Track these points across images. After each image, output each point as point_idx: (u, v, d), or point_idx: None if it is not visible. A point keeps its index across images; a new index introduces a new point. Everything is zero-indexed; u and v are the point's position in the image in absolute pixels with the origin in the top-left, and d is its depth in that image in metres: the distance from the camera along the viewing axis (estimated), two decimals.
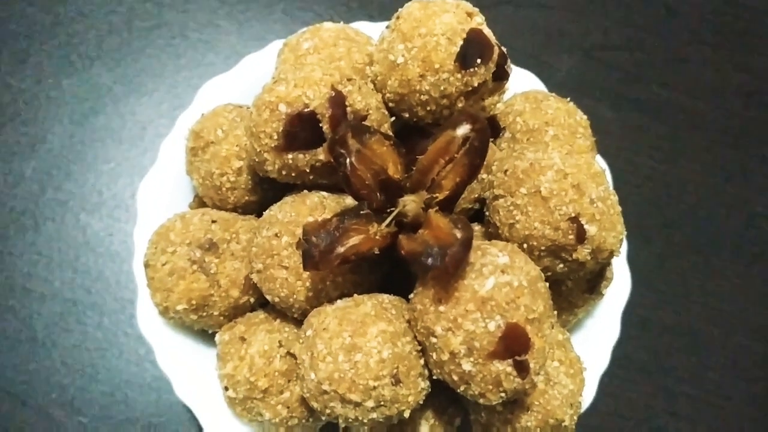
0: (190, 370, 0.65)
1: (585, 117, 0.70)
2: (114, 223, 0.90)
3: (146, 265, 0.64)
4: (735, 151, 1.00)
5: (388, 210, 0.54)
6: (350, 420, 0.53)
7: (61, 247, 0.89)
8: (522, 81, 0.78)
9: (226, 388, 0.62)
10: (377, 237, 0.53)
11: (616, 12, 1.06)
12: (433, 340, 0.51)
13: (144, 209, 0.71)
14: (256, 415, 0.61)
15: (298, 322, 0.60)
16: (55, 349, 0.84)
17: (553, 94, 0.71)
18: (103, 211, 0.91)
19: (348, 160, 0.53)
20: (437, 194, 0.54)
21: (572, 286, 0.64)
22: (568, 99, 0.70)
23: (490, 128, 0.69)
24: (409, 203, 0.53)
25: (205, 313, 0.63)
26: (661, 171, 0.97)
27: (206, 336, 0.67)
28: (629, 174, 0.96)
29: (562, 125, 0.67)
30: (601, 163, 0.75)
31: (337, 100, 0.57)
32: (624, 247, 0.72)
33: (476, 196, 0.64)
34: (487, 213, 0.61)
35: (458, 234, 0.50)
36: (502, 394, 0.51)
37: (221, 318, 0.64)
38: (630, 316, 0.73)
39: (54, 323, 0.85)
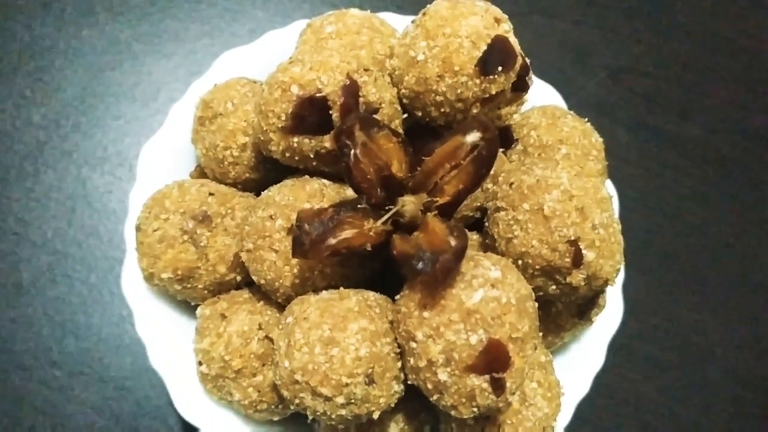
0: (167, 340, 0.65)
1: (600, 140, 0.69)
2: (115, 180, 0.89)
3: (137, 229, 0.63)
4: (748, 192, 0.98)
5: (387, 207, 0.53)
6: (318, 413, 0.52)
7: (58, 197, 0.88)
8: (542, 94, 0.76)
9: (200, 363, 0.61)
10: (371, 233, 0.52)
11: (649, 38, 1.04)
12: (413, 345, 0.50)
13: (144, 171, 0.70)
14: (226, 394, 0.61)
15: (281, 307, 0.60)
16: (39, 298, 0.84)
17: (572, 112, 0.69)
18: (106, 167, 0.90)
19: (353, 151, 0.52)
20: (438, 198, 0.53)
21: (562, 309, 0.63)
22: (586, 119, 0.69)
23: (503, 139, 0.68)
24: (408, 204, 0.52)
25: (189, 285, 0.62)
26: (669, 203, 0.96)
27: (188, 308, 0.66)
28: (636, 201, 0.95)
29: (576, 145, 0.65)
30: (610, 188, 0.74)
31: (351, 90, 0.56)
32: (620, 277, 0.71)
33: (478, 204, 0.63)
34: (486, 223, 0.60)
35: (453, 242, 0.49)
36: (475, 409, 0.50)
37: (205, 292, 0.63)
38: (616, 345, 0.71)
39: (41, 272, 0.85)
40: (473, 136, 0.51)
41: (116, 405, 0.80)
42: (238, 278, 0.63)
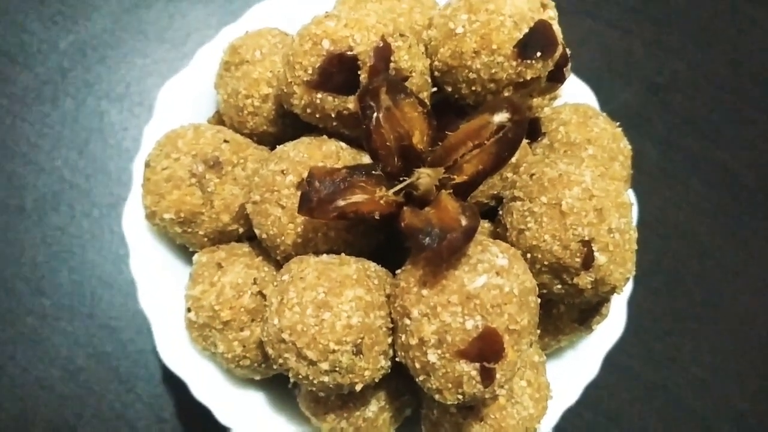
0: (159, 282, 0.64)
1: (629, 147, 0.67)
2: (132, 118, 0.88)
3: (146, 165, 0.62)
4: (766, 226, 0.95)
5: (401, 178, 0.52)
6: (300, 377, 0.51)
7: (73, 127, 0.87)
8: (577, 92, 0.74)
9: (189, 310, 0.60)
10: (382, 201, 0.51)
11: (694, 57, 1.01)
12: (407, 321, 0.49)
13: (162, 109, 0.69)
14: (211, 345, 0.59)
15: (279, 266, 0.58)
16: (39, 225, 0.83)
17: (604, 114, 0.67)
18: (125, 103, 0.89)
19: (375, 114, 0.50)
20: (455, 176, 0.51)
21: (564, 312, 0.61)
22: (618, 123, 0.67)
23: (531, 130, 0.67)
24: (424, 176, 0.51)
25: (190, 229, 0.61)
26: (686, 225, 0.93)
27: (186, 254, 0.65)
28: (653, 218, 0.93)
29: (604, 147, 0.64)
30: (631, 197, 0.72)
31: (383, 53, 0.54)
32: (628, 289, 0.69)
33: (495, 192, 0.61)
34: (500, 212, 0.58)
35: (464, 221, 0.47)
36: (460, 396, 0.48)
37: (205, 239, 0.62)
38: (612, 360, 0.69)
39: (45, 199, 0.84)
40: (501, 116, 0.49)
41: (99, 343, 0.79)
42: (240, 230, 0.62)
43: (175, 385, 0.77)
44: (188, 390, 0.62)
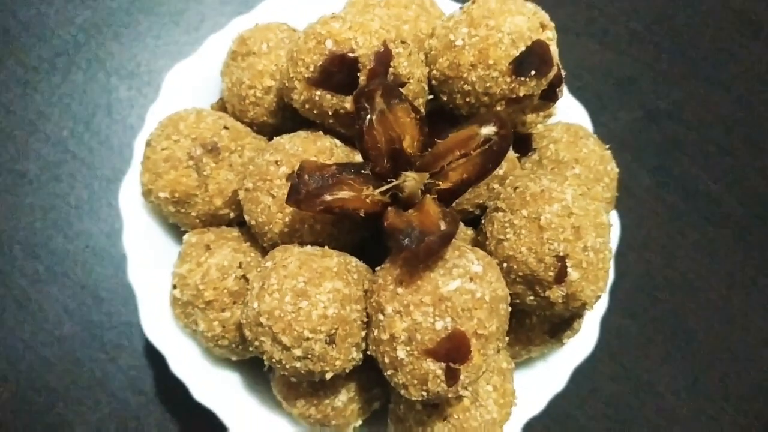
0: (149, 258, 0.66)
1: (616, 170, 0.68)
2: (140, 97, 0.90)
3: (147, 144, 0.64)
4: (749, 260, 0.97)
5: (389, 179, 0.54)
6: (274, 361, 0.53)
7: (82, 99, 0.89)
8: (573, 113, 0.76)
9: (174, 287, 0.62)
10: (367, 200, 0.53)
11: (696, 87, 1.03)
12: (380, 317, 0.51)
13: (168, 90, 0.71)
14: (192, 323, 0.61)
15: (265, 252, 0.60)
16: (39, 191, 0.85)
17: (595, 136, 0.69)
18: (134, 82, 0.91)
19: (369, 116, 0.52)
20: (440, 182, 0.53)
21: (536, 323, 0.63)
22: (607, 146, 0.69)
23: (522, 145, 0.69)
24: (410, 180, 0.53)
25: (183, 210, 0.63)
26: (671, 253, 0.95)
27: (177, 233, 0.67)
28: (638, 243, 0.94)
29: (590, 168, 0.65)
30: (614, 219, 0.74)
31: (383, 57, 0.56)
32: (602, 307, 0.71)
33: (481, 201, 0.63)
34: (483, 221, 0.60)
35: (443, 226, 0.49)
36: (424, 393, 0.50)
37: (197, 220, 0.64)
38: (581, 376, 0.71)
39: (47, 168, 0.86)
40: (488, 129, 0.51)
41: (87, 312, 0.81)
42: (232, 215, 0.64)
43: (155, 360, 0.79)
44: (167, 365, 0.64)
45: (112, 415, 0.79)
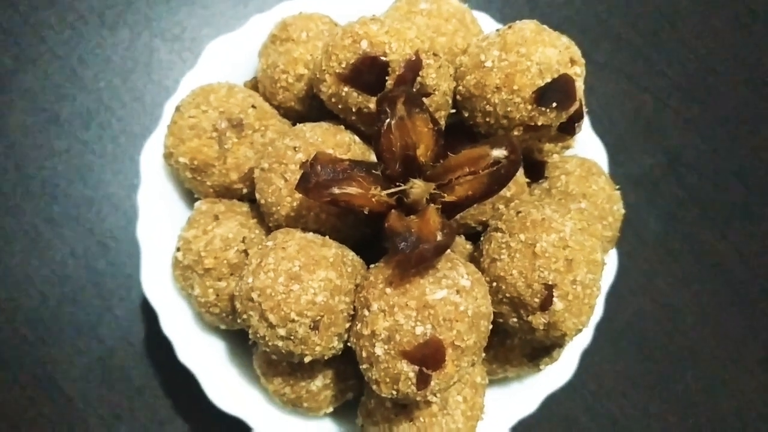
0: (159, 217, 0.68)
1: (622, 211, 0.70)
2: (179, 61, 0.93)
3: (177, 109, 0.66)
4: (746, 326, 0.98)
5: (397, 183, 0.55)
6: (258, 336, 0.55)
7: (124, 55, 0.92)
8: (591, 149, 0.77)
9: (178, 249, 0.64)
10: (373, 199, 0.54)
11: (720, 140, 1.03)
12: (366, 312, 0.53)
13: (206, 61, 0.73)
14: (188, 287, 0.64)
15: (270, 232, 0.62)
16: (68, 136, 0.88)
17: (607, 174, 0.70)
18: (176, 46, 0.93)
19: (388, 120, 0.54)
20: (446, 194, 0.55)
21: (516, 345, 0.65)
22: (618, 187, 0.70)
23: (535, 172, 0.70)
24: (417, 187, 0.54)
25: (199, 177, 0.65)
26: (668, 301, 0.96)
27: (190, 198, 0.70)
28: (638, 286, 0.95)
29: (596, 205, 0.67)
30: (612, 258, 0.75)
31: (413, 66, 0.58)
32: (584, 342, 0.72)
33: (484, 219, 0.65)
34: (482, 238, 0.62)
35: (439, 237, 0.51)
36: (394, 392, 0.52)
37: (210, 190, 0.66)
38: (555, 403, 0.73)
39: (80, 114, 0.89)
40: (499, 152, 0.53)
41: (92, 258, 0.84)
42: (245, 190, 0.66)
43: (149, 316, 0.82)
44: (159, 323, 0.66)
45: (98, 360, 0.82)
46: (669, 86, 1.04)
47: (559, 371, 0.71)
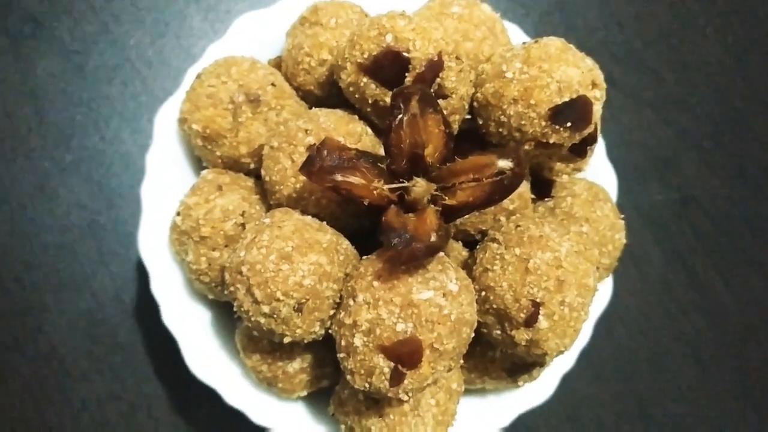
0: (165, 179, 0.69)
1: (623, 241, 0.69)
2: (210, 31, 0.93)
3: (197, 76, 0.67)
4: (741, 387, 0.97)
5: (401, 180, 0.56)
6: (242, 310, 0.56)
7: (157, 17, 0.92)
8: (603, 175, 0.77)
9: (178, 214, 0.64)
10: (375, 192, 0.54)
11: (739, 189, 1.02)
12: (351, 302, 0.53)
13: (234, 33, 0.74)
14: (182, 252, 0.64)
15: (269, 209, 0.63)
16: (89, 88, 0.88)
17: (614, 202, 0.70)
18: (210, 15, 0.94)
19: (401, 116, 0.54)
20: (447, 198, 0.55)
21: (497, 358, 0.65)
22: (623, 216, 0.70)
23: (542, 190, 0.70)
24: (420, 186, 0.54)
25: (209, 146, 0.65)
26: (660, 337, 0.95)
27: (198, 166, 0.70)
28: (630, 317, 0.95)
29: (598, 232, 0.67)
30: (608, 285, 0.75)
31: (434, 67, 0.58)
32: (567, 365, 0.72)
33: (484, 228, 0.65)
34: (478, 246, 0.62)
35: (433, 238, 0.51)
36: (367, 385, 0.52)
37: (219, 160, 0.66)
38: (529, 421, 0.73)
39: (105, 68, 0.89)
40: (505, 163, 0.53)
41: (96, 211, 0.85)
42: (252, 166, 0.66)
43: (142, 276, 0.82)
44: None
45: (87, 312, 0.82)
46: (694, 125, 1.03)
47: (537, 390, 0.71)
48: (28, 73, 0.88)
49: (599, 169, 0.76)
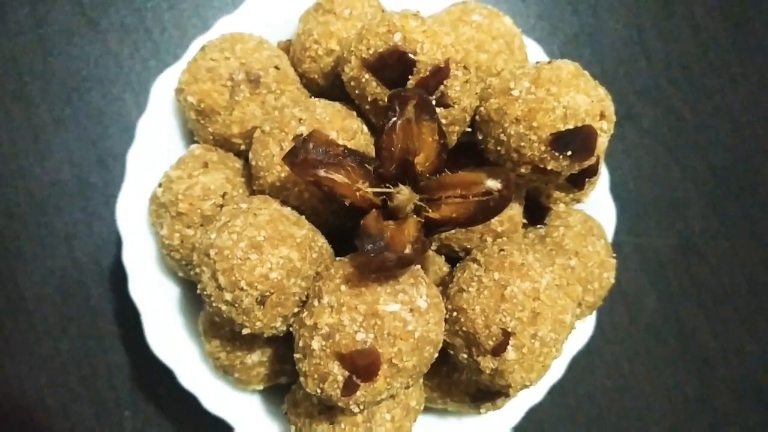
0: (153, 148, 0.67)
1: (612, 281, 0.67)
2: (230, 4, 0.91)
3: (201, 48, 0.65)
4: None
5: (387, 185, 0.53)
6: (205, 293, 0.54)
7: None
8: (603, 211, 0.74)
9: (160, 185, 0.63)
10: (357, 193, 0.53)
11: (740, 237, 0.99)
12: (315, 303, 0.51)
13: (245, 10, 0.72)
14: (158, 225, 0.63)
15: (253, 194, 0.61)
16: (100, 46, 0.87)
17: (608, 240, 0.68)
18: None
19: (395, 119, 0.52)
20: (430, 210, 0.53)
21: (462, 381, 0.63)
22: (614, 255, 0.67)
23: (537, 216, 0.68)
24: (403, 194, 0.52)
25: (202, 121, 0.64)
26: (635, 388, 0.93)
27: (189, 140, 0.69)
28: (612, 363, 0.92)
29: (586, 267, 0.64)
30: (589, 325, 0.72)
31: (439, 73, 0.56)
32: (534, 399, 0.70)
33: (469, 247, 0.63)
34: (458, 264, 0.60)
35: (407, 250, 0.49)
36: (318, 390, 0.51)
37: (210, 137, 0.65)
38: None
39: (117, 29, 0.87)
40: (494, 183, 0.51)
41: (87, 170, 0.83)
42: (242, 147, 0.65)
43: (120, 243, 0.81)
44: None
45: (62, 270, 0.81)
46: (706, 171, 1.00)
47: (500, 420, 0.69)
48: (41, 22, 0.86)
49: (600, 203, 0.74)
